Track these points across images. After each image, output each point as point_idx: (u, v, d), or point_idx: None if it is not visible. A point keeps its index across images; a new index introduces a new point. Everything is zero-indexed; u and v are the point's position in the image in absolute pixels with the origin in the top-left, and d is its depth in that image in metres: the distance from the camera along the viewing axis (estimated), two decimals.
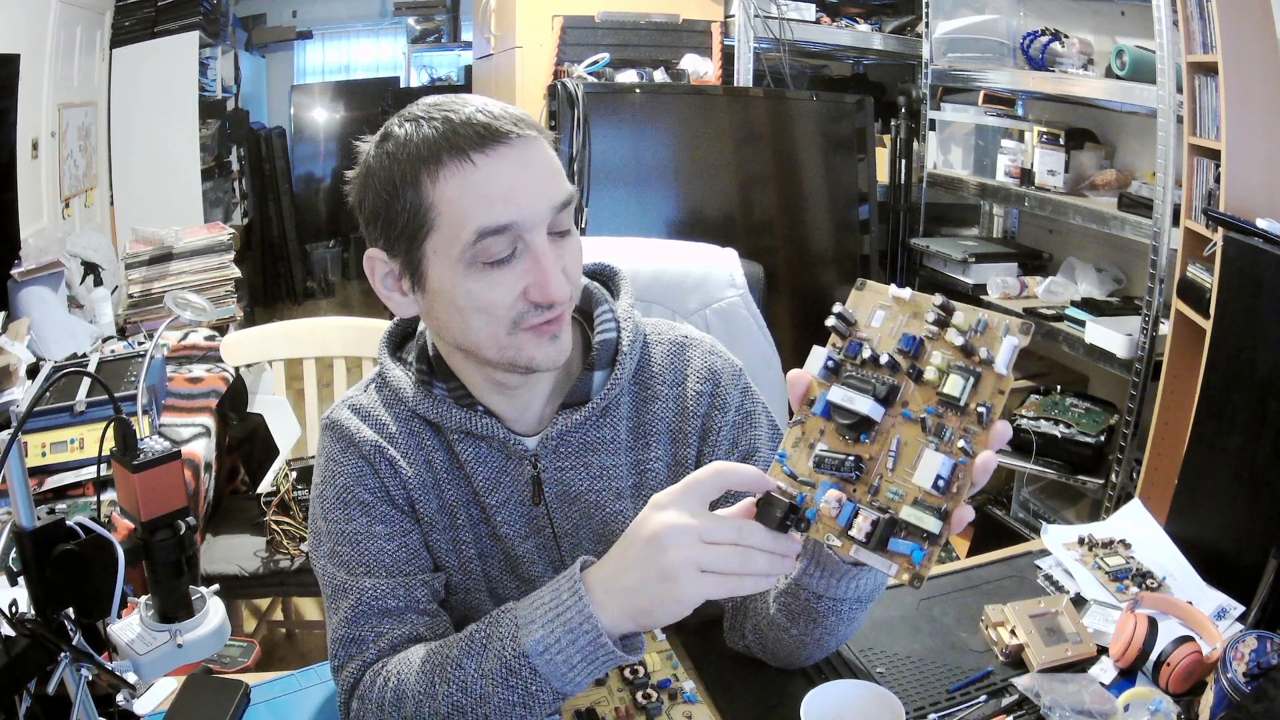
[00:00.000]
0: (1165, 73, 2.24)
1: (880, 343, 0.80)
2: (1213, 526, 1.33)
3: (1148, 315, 2.34)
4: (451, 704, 0.84)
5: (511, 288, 0.87)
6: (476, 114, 0.85)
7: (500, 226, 0.84)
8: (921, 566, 0.75)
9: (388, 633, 0.93)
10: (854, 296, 0.82)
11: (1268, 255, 1.38)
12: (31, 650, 0.71)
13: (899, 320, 0.80)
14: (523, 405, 0.99)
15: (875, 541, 0.76)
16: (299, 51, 6.60)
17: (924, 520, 0.75)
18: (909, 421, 0.78)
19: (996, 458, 0.75)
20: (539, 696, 0.82)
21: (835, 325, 0.81)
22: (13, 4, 2.87)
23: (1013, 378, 0.75)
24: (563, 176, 0.89)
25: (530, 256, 0.86)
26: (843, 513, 0.78)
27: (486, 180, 0.84)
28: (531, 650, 0.80)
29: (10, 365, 2.06)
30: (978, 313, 0.78)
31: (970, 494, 0.76)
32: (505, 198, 0.84)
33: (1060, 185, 2.73)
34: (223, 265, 3.02)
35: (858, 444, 0.79)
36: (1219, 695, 0.94)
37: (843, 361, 0.80)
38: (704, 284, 1.52)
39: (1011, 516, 2.79)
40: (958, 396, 0.76)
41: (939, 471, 0.76)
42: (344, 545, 0.97)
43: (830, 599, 0.89)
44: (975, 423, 0.76)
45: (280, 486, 1.99)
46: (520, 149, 0.86)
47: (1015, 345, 0.75)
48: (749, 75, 3.12)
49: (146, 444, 0.76)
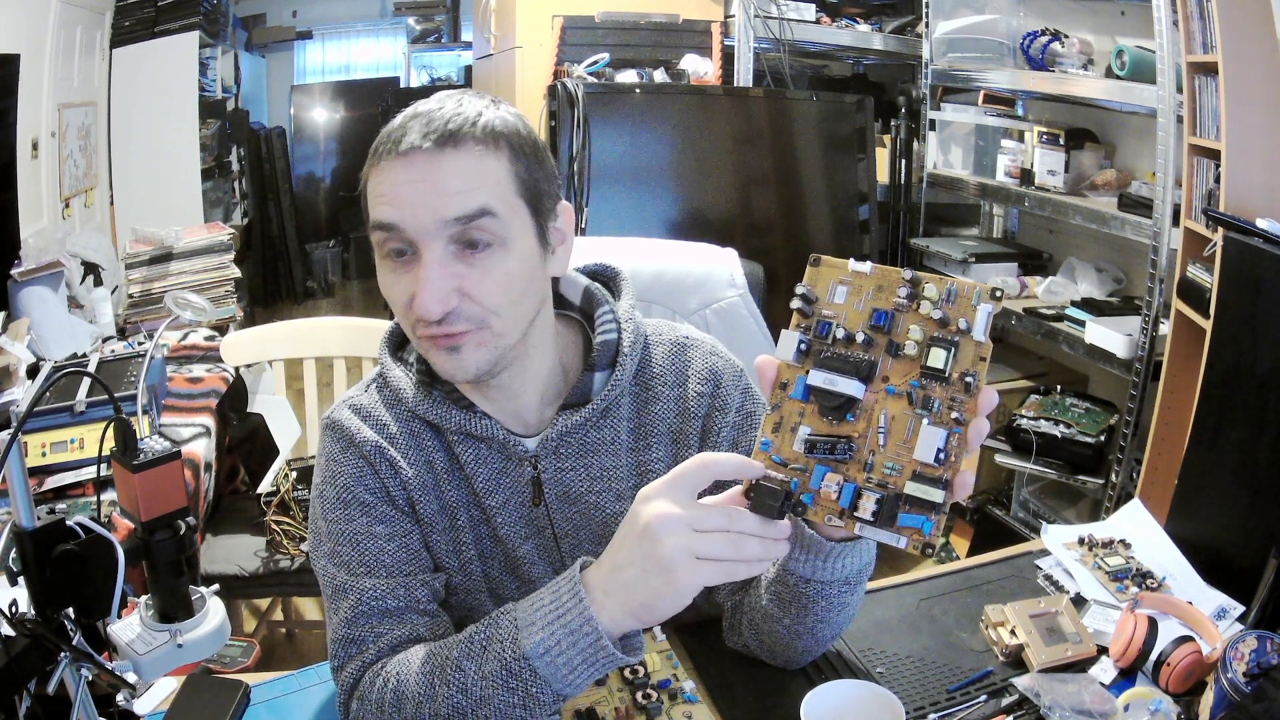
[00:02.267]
0: (1165, 73, 2.24)
1: (848, 319, 0.80)
2: (1213, 526, 1.33)
3: (1148, 315, 2.34)
4: (452, 705, 0.84)
5: (404, 290, 0.88)
6: (413, 120, 0.87)
7: (384, 224, 0.87)
8: (931, 536, 0.77)
9: (387, 633, 0.93)
10: (810, 273, 0.81)
11: (1268, 255, 1.38)
12: (31, 650, 0.70)
13: (864, 295, 0.80)
14: (510, 408, 0.99)
15: (884, 519, 0.77)
16: (299, 51, 6.60)
17: (929, 493, 0.76)
18: (894, 396, 0.78)
19: (987, 422, 0.76)
20: (539, 698, 0.82)
21: (799, 306, 0.80)
22: (13, 4, 2.87)
23: (990, 343, 0.76)
24: (475, 194, 0.86)
25: (419, 266, 0.87)
26: (844, 494, 0.78)
27: (382, 182, 0.87)
28: (532, 653, 0.80)
29: (10, 365, 2.06)
30: (946, 280, 0.78)
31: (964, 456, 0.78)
32: (391, 200, 0.86)
33: (1060, 185, 2.73)
34: (223, 265, 3.02)
35: (842, 424, 0.79)
36: (1219, 695, 0.94)
37: (814, 342, 0.80)
38: (704, 284, 1.52)
39: (1011, 516, 2.79)
40: (941, 368, 0.77)
41: (937, 445, 0.76)
42: (344, 545, 0.97)
43: (818, 582, 0.89)
44: (962, 391, 0.76)
45: (280, 486, 1.99)
46: (418, 162, 0.86)
47: (990, 311, 0.76)
48: (749, 75, 3.12)
49: (146, 444, 0.76)
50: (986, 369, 0.76)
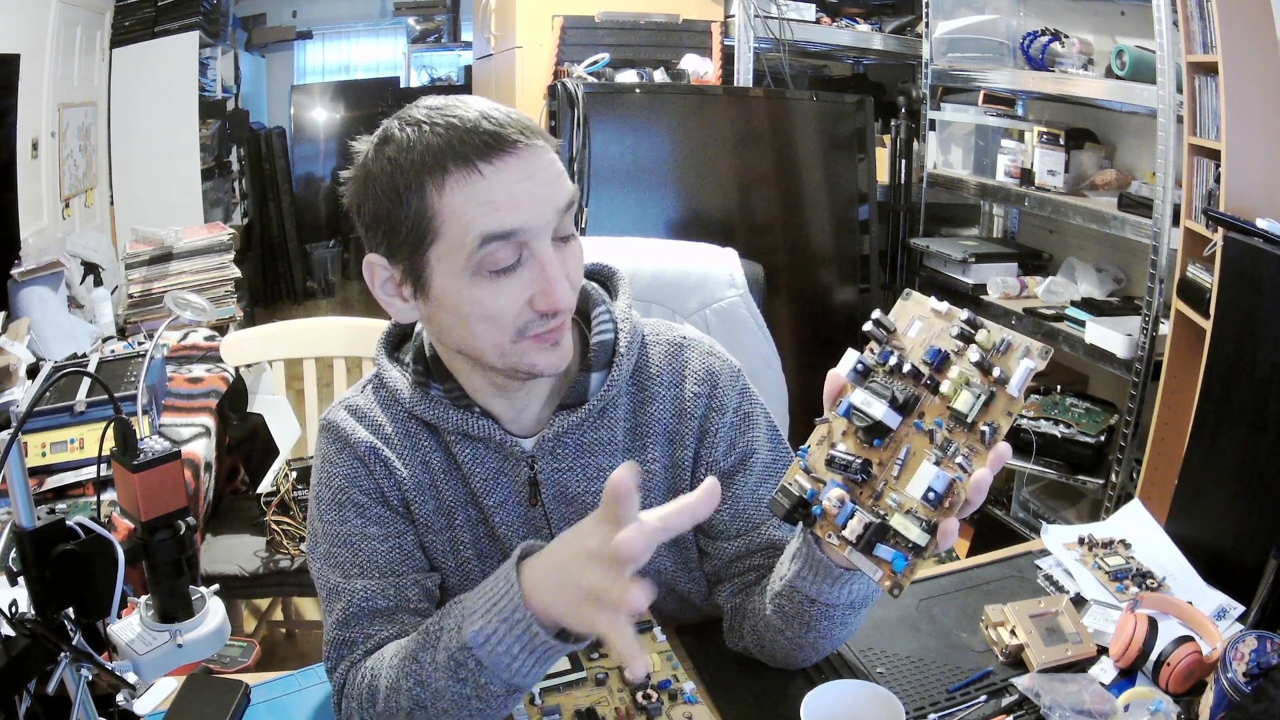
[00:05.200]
0: (1165, 73, 2.23)
1: (910, 352, 0.81)
2: (1213, 526, 1.33)
3: (1148, 315, 2.34)
4: (412, 699, 0.83)
5: (517, 297, 0.86)
6: (482, 121, 0.84)
7: (505, 232, 0.83)
8: (903, 576, 0.77)
9: (377, 634, 0.93)
10: (899, 306, 0.83)
11: (1268, 255, 1.37)
12: (31, 650, 0.71)
13: (932, 332, 0.81)
14: (521, 406, 0.99)
15: (863, 544, 0.78)
16: (299, 51, 6.60)
17: (909, 530, 0.77)
18: (920, 433, 0.79)
19: (990, 478, 0.74)
20: (489, 689, 0.79)
21: (871, 331, 0.82)
22: (13, 4, 2.87)
23: (1024, 401, 0.76)
24: (565, 179, 0.89)
25: (536, 264, 0.86)
26: (842, 512, 0.79)
27: (491, 188, 0.83)
28: (473, 641, 0.78)
29: (10, 365, 2.06)
30: (1003, 333, 0.78)
31: (966, 513, 0.77)
32: (510, 205, 0.83)
33: (1060, 185, 2.73)
34: (223, 265, 3.02)
35: (872, 449, 0.80)
36: (1219, 695, 0.94)
37: (874, 367, 0.82)
38: (704, 284, 1.52)
39: (1011, 516, 2.79)
40: (965, 413, 0.77)
41: (931, 484, 0.76)
42: (338, 547, 0.97)
43: (823, 604, 0.89)
44: (979, 441, 0.76)
45: (280, 486, 1.99)
46: (526, 157, 0.85)
47: (1030, 368, 0.75)
48: (749, 75, 3.12)
49: (146, 444, 0.76)
50: (1010, 424, 0.76)
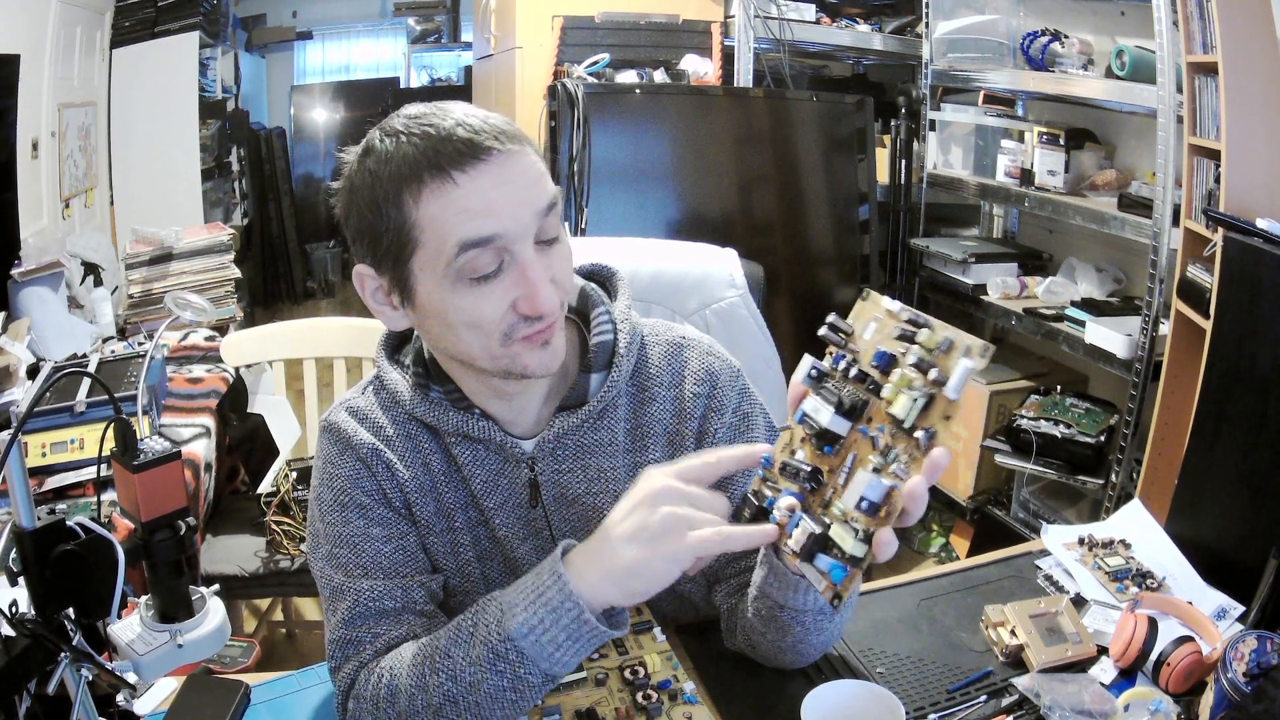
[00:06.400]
0: (1165, 73, 2.24)
1: (863, 355, 0.78)
2: (1213, 526, 1.33)
3: (1148, 315, 2.34)
4: (443, 694, 0.84)
5: (499, 302, 0.86)
6: (457, 129, 0.83)
7: (482, 239, 0.83)
8: (841, 586, 0.74)
9: (384, 634, 0.93)
10: (857, 307, 0.81)
11: (1268, 255, 1.38)
12: (31, 650, 0.71)
13: (884, 334, 0.78)
14: (520, 408, 0.99)
15: (804, 554, 0.76)
16: (299, 52, 6.60)
17: (844, 540, 0.74)
18: (866, 439, 0.76)
19: (924, 486, 0.72)
20: (528, 680, 0.82)
21: (826, 335, 0.80)
22: (13, 4, 2.87)
23: (960, 401, 0.71)
24: (546, 181, 0.88)
25: (517, 269, 0.86)
26: (791, 522, 0.78)
27: (467, 196, 0.83)
28: (516, 633, 0.81)
29: (10, 365, 2.06)
30: (946, 331, 0.74)
31: (907, 523, 0.73)
32: (486, 211, 0.83)
33: (1060, 185, 2.73)
34: (223, 265, 3.02)
35: (824, 456, 0.78)
36: (1219, 695, 0.94)
37: (828, 372, 0.79)
38: (704, 284, 1.52)
39: (1011, 516, 2.79)
40: (902, 418, 0.73)
41: (864, 493, 0.74)
42: (341, 547, 0.97)
43: (791, 609, 0.91)
44: (916, 447, 0.72)
45: (280, 487, 1.99)
46: (502, 163, 0.84)
47: (969, 368, 0.71)
48: (749, 75, 3.12)
49: (146, 444, 0.76)
50: (948, 428, 0.72)
